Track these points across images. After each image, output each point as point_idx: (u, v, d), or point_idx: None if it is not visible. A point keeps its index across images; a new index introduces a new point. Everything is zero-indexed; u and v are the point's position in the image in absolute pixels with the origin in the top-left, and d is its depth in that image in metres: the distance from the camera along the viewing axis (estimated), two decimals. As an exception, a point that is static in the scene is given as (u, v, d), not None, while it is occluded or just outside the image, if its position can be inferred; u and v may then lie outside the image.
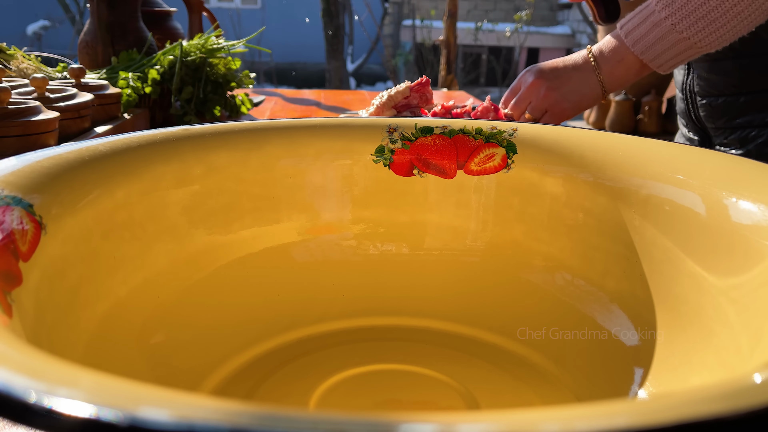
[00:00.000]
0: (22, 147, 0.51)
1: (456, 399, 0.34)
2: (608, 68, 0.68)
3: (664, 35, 0.63)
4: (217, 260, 0.38)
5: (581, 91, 0.69)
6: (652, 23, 0.63)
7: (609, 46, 0.68)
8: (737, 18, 0.59)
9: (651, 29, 0.63)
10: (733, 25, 0.60)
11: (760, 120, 0.73)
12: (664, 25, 0.62)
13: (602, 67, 0.68)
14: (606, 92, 0.70)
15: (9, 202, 0.25)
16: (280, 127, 0.42)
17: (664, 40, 0.63)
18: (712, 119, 0.78)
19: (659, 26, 0.62)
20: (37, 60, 0.83)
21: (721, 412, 0.12)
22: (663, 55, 0.64)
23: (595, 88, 0.69)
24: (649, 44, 0.64)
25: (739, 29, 0.61)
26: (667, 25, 0.62)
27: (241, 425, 0.12)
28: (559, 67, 0.71)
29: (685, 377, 0.30)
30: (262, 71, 6.83)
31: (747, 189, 0.30)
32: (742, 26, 0.60)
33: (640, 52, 0.65)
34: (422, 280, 0.43)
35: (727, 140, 0.76)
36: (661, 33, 0.63)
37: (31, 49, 1.64)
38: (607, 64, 0.68)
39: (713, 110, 0.77)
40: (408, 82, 0.69)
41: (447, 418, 0.12)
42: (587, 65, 0.69)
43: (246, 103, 0.94)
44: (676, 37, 0.62)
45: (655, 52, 0.64)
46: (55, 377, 0.14)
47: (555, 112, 0.70)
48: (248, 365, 0.36)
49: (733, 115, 0.75)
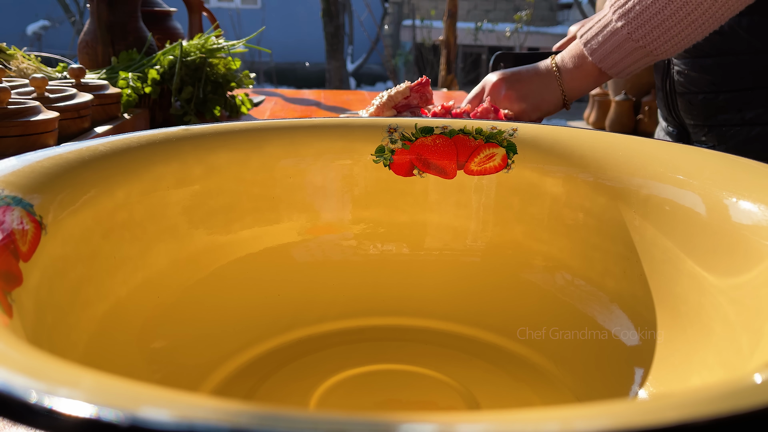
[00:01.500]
0: (21, 147, 0.51)
1: (456, 399, 0.34)
2: (568, 75, 0.71)
3: (620, 44, 0.64)
4: (217, 260, 0.38)
5: (541, 95, 0.72)
6: (610, 32, 0.65)
7: (569, 54, 0.71)
8: (691, 26, 0.61)
9: (608, 38, 0.65)
10: (687, 33, 0.62)
11: (739, 119, 0.74)
12: (620, 34, 0.64)
13: (563, 74, 0.71)
14: (566, 99, 0.72)
15: (9, 202, 0.25)
16: (280, 127, 0.42)
17: (621, 48, 0.65)
18: (690, 116, 0.78)
19: (616, 35, 0.64)
20: (37, 60, 0.83)
21: (721, 412, 0.12)
22: (620, 63, 0.66)
23: (556, 94, 0.72)
24: (606, 53, 0.66)
25: (693, 37, 0.62)
26: (624, 34, 0.63)
27: (241, 425, 0.12)
28: (522, 72, 0.74)
29: (685, 377, 0.30)
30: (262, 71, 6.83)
31: (747, 189, 0.30)
32: (696, 34, 0.62)
33: (598, 60, 0.67)
34: (422, 280, 0.43)
35: (705, 137, 0.77)
36: (617, 42, 0.64)
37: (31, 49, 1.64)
38: (568, 71, 0.71)
39: (692, 107, 0.78)
40: (408, 82, 0.69)
41: (447, 418, 0.12)
42: (549, 72, 0.72)
43: (246, 103, 0.94)
44: (633, 46, 0.64)
45: (612, 60, 0.66)
46: (56, 377, 0.14)
47: (514, 114, 0.72)
48: (248, 365, 0.36)
49: (711, 112, 0.76)
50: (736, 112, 0.74)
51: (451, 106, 0.67)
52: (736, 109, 0.74)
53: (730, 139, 0.74)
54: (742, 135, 0.74)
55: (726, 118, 0.75)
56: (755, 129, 0.73)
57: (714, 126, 0.76)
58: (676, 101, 0.80)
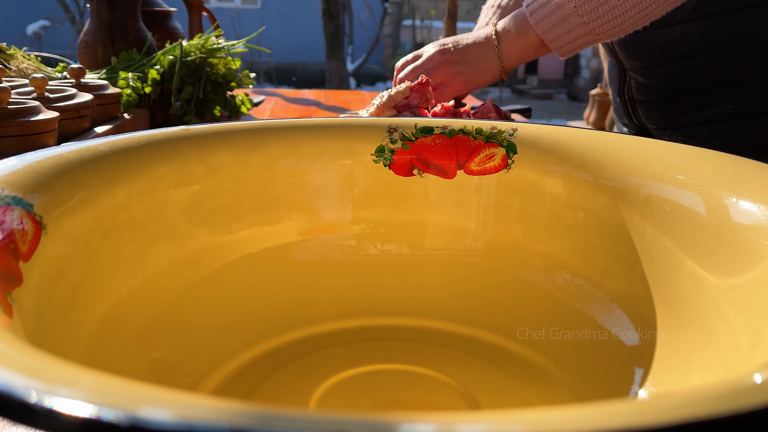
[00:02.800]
0: (21, 147, 0.51)
1: (456, 399, 0.34)
2: (508, 43, 0.70)
3: (566, 17, 0.64)
4: (217, 260, 0.38)
5: (478, 65, 0.71)
6: (556, 4, 0.65)
7: (512, 21, 0.70)
8: (635, 9, 0.62)
9: (555, 10, 0.65)
10: (631, 15, 0.62)
11: (699, 118, 0.75)
12: (567, 7, 0.64)
13: (502, 42, 0.70)
14: (504, 68, 0.71)
15: (9, 202, 0.25)
16: (280, 127, 0.42)
17: (565, 22, 0.65)
18: (652, 120, 0.80)
19: (563, 8, 0.64)
20: (37, 60, 0.83)
21: (721, 412, 0.12)
22: (563, 37, 0.66)
23: (493, 63, 0.71)
24: (551, 24, 0.66)
25: (636, 21, 0.63)
26: (570, 7, 0.64)
27: (241, 425, 0.12)
28: (460, 41, 0.73)
29: (685, 377, 0.30)
30: (262, 71, 6.83)
31: (747, 189, 0.30)
32: (639, 18, 0.63)
33: (542, 31, 0.67)
34: (422, 280, 0.43)
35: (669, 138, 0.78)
36: (563, 15, 0.64)
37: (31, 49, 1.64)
38: (507, 38, 0.70)
39: (653, 112, 0.79)
40: (408, 82, 0.69)
41: (447, 418, 0.12)
42: (488, 40, 0.71)
43: (246, 103, 0.94)
44: (577, 21, 0.64)
45: (556, 33, 0.66)
46: (56, 377, 0.14)
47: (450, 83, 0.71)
48: (248, 365, 0.36)
49: (673, 115, 0.77)
50: (696, 113, 0.75)
51: (451, 106, 0.67)
52: (696, 110, 0.75)
53: (693, 138, 0.76)
54: (704, 133, 0.75)
55: (687, 118, 0.76)
56: (716, 126, 0.74)
57: (677, 127, 0.77)
58: (636, 108, 0.81)
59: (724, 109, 0.74)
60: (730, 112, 0.74)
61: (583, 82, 6.60)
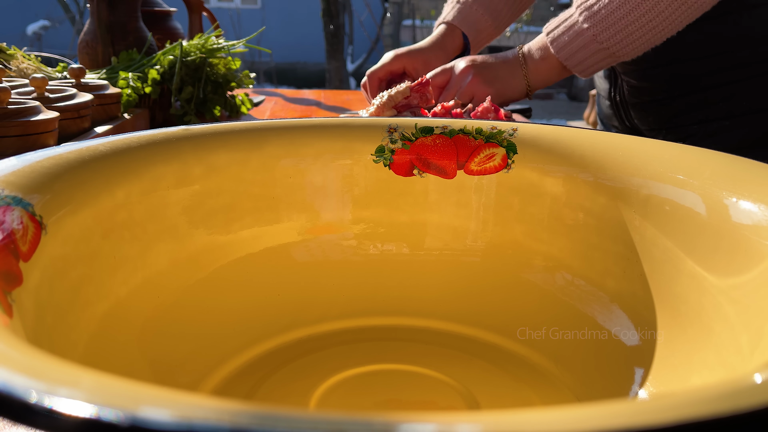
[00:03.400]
0: (21, 147, 0.51)
1: (456, 399, 0.34)
2: (533, 65, 0.74)
3: (585, 44, 0.68)
4: (217, 260, 0.38)
5: (507, 82, 0.74)
6: (575, 33, 0.68)
7: (536, 45, 0.74)
8: (652, 31, 0.65)
9: (574, 38, 0.68)
10: (648, 37, 0.65)
11: (694, 119, 0.76)
12: (586, 36, 0.67)
13: (528, 63, 0.74)
14: (530, 87, 0.75)
15: (9, 202, 0.25)
16: (280, 127, 0.42)
17: (585, 49, 0.68)
18: (646, 122, 0.80)
19: (581, 36, 0.67)
20: (37, 60, 0.83)
21: (721, 412, 0.12)
22: (584, 62, 0.69)
23: (520, 82, 0.74)
24: (572, 52, 0.69)
25: (653, 41, 0.66)
26: (589, 35, 0.67)
27: (241, 425, 0.12)
28: (489, 59, 0.76)
29: (685, 377, 0.30)
30: (262, 71, 6.83)
31: (747, 189, 0.30)
32: (656, 38, 0.66)
33: (564, 58, 0.70)
34: (422, 280, 0.43)
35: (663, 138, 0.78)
36: (583, 42, 0.68)
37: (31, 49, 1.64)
38: (533, 61, 0.74)
39: (647, 114, 0.80)
40: (408, 82, 0.69)
41: (447, 418, 0.12)
42: (515, 60, 0.75)
43: (246, 103, 0.94)
44: (597, 47, 0.67)
45: (577, 59, 0.70)
46: (56, 377, 0.14)
47: (479, 98, 0.74)
48: (248, 365, 0.36)
49: (667, 117, 0.78)
50: (691, 114, 0.76)
51: (451, 106, 0.67)
52: (691, 111, 0.76)
53: (687, 138, 0.77)
54: (699, 133, 0.77)
55: (682, 119, 0.77)
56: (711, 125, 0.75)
57: (672, 128, 0.78)
58: (629, 111, 0.82)
59: (719, 109, 0.74)
60: (725, 112, 0.74)
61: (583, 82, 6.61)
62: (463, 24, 0.88)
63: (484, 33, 0.89)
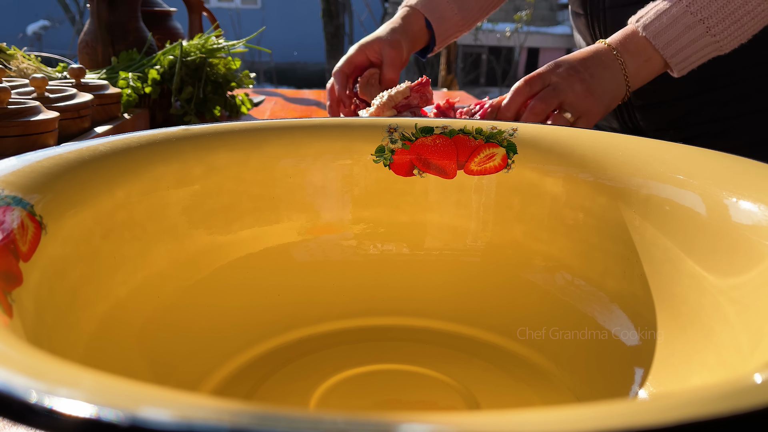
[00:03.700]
0: (21, 147, 0.51)
1: (456, 399, 0.34)
2: (635, 68, 0.63)
3: (696, 38, 0.60)
4: (217, 260, 0.38)
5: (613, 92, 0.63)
6: (685, 25, 0.60)
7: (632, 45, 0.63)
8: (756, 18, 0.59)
9: (683, 32, 0.60)
10: (752, 25, 0.60)
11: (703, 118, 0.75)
12: (698, 28, 0.60)
13: (628, 66, 0.63)
14: (628, 93, 0.65)
15: (9, 202, 0.25)
16: (280, 127, 0.42)
17: (695, 43, 0.61)
18: (653, 123, 0.79)
19: (693, 29, 0.60)
20: (37, 60, 0.83)
21: (721, 412, 0.12)
22: (690, 57, 0.62)
23: (622, 89, 0.64)
24: (680, 47, 0.61)
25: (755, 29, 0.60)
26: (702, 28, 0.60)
27: (241, 425, 0.12)
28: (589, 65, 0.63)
29: (685, 377, 0.30)
30: (262, 71, 6.83)
31: (747, 189, 0.30)
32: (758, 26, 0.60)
33: (670, 54, 0.62)
34: (422, 280, 0.43)
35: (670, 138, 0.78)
36: (694, 35, 0.60)
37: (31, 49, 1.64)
38: (634, 63, 0.63)
39: (653, 115, 0.78)
40: (408, 82, 0.69)
41: (447, 418, 0.12)
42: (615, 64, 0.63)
43: (246, 103, 0.94)
44: (708, 41, 0.60)
45: (684, 55, 0.62)
46: (56, 377, 0.14)
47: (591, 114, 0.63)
48: (248, 365, 0.36)
49: (675, 117, 0.76)
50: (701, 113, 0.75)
51: (454, 103, 0.67)
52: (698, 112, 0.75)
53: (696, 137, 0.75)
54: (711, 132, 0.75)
55: (689, 120, 0.76)
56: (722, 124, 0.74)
57: (680, 128, 0.77)
58: (634, 113, 0.80)
59: (730, 109, 0.73)
60: (735, 111, 0.73)
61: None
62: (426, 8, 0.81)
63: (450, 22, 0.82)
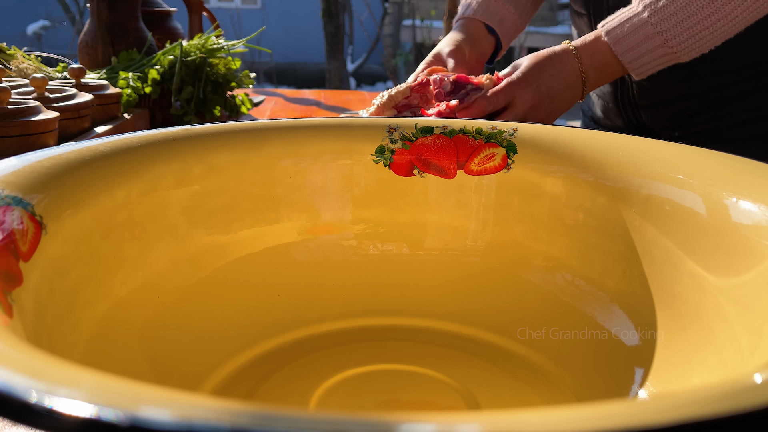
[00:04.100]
0: (21, 147, 0.51)
1: (456, 399, 0.34)
2: (595, 77, 0.66)
3: (654, 48, 0.63)
4: (217, 260, 0.38)
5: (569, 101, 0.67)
6: (644, 35, 0.62)
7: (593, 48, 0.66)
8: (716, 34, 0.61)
9: (642, 41, 0.63)
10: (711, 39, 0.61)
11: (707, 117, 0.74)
12: (656, 39, 0.62)
13: (590, 76, 0.66)
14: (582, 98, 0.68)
15: (9, 202, 0.25)
16: (280, 127, 0.42)
17: (653, 52, 0.63)
18: (659, 123, 0.79)
19: (651, 39, 0.62)
20: (37, 60, 0.83)
21: (721, 412, 0.12)
22: (647, 65, 0.64)
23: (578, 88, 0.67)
24: (638, 55, 0.64)
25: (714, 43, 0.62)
26: (660, 39, 0.62)
27: (241, 425, 0.12)
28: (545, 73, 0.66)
29: (685, 377, 0.30)
30: (262, 71, 6.83)
31: (747, 189, 0.30)
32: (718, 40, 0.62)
33: (628, 61, 0.64)
34: (422, 280, 0.43)
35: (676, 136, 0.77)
36: (651, 45, 0.63)
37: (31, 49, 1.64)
38: (595, 72, 0.66)
39: (659, 114, 0.78)
40: (408, 82, 0.69)
41: (447, 418, 0.12)
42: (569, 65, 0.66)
43: (246, 103, 0.94)
44: (665, 51, 0.63)
45: (641, 63, 0.64)
46: (56, 377, 0.14)
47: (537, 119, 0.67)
48: (248, 365, 0.36)
49: (684, 116, 0.76)
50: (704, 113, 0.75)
51: (455, 106, 0.67)
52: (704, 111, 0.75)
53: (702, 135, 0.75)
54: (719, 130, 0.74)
55: (696, 118, 0.76)
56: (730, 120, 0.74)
57: (687, 126, 0.77)
58: (639, 113, 0.80)
59: (737, 107, 0.73)
60: (743, 108, 0.73)
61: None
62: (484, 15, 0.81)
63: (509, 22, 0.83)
